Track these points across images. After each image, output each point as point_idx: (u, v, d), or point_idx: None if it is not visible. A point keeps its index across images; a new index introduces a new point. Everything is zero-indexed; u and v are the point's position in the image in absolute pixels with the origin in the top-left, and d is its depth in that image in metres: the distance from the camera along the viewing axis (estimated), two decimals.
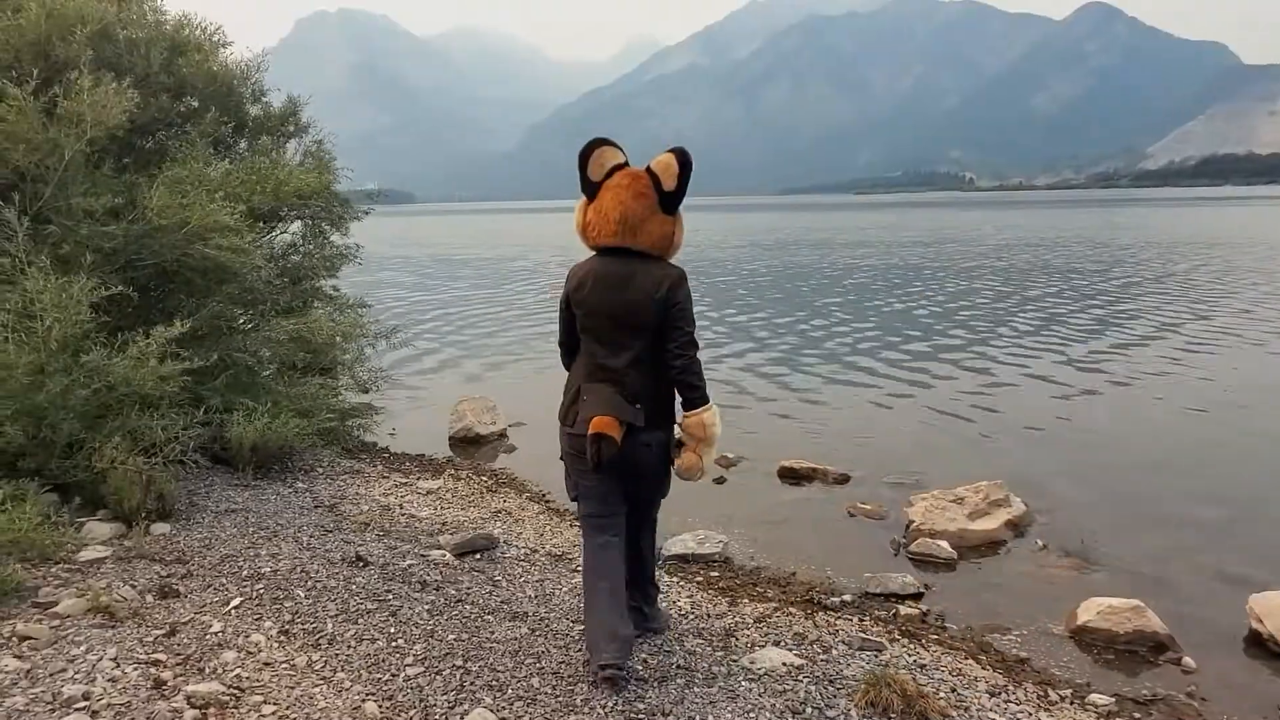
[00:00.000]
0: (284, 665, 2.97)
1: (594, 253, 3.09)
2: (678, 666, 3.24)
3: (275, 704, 2.70)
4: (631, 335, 2.98)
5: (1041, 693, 3.35)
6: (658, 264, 3.00)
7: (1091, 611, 3.98)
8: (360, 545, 4.32)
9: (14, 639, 2.92)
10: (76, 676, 2.72)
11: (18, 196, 4.59)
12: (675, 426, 3.15)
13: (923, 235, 41.02)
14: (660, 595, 4.02)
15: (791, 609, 4.00)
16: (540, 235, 48.50)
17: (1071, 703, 3.31)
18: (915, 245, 33.89)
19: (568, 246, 34.07)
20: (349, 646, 3.16)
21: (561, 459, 3.22)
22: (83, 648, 2.91)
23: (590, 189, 3.01)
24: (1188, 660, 3.76)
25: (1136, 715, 3.32)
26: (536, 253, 34.79)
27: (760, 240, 39.79)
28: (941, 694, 3.17)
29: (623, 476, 3.09)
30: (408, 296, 19.32)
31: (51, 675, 2.71)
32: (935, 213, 78.84)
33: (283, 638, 3.18)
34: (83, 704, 2.56)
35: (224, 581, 3.65)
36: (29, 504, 3.69)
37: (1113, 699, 3.38)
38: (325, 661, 3.03)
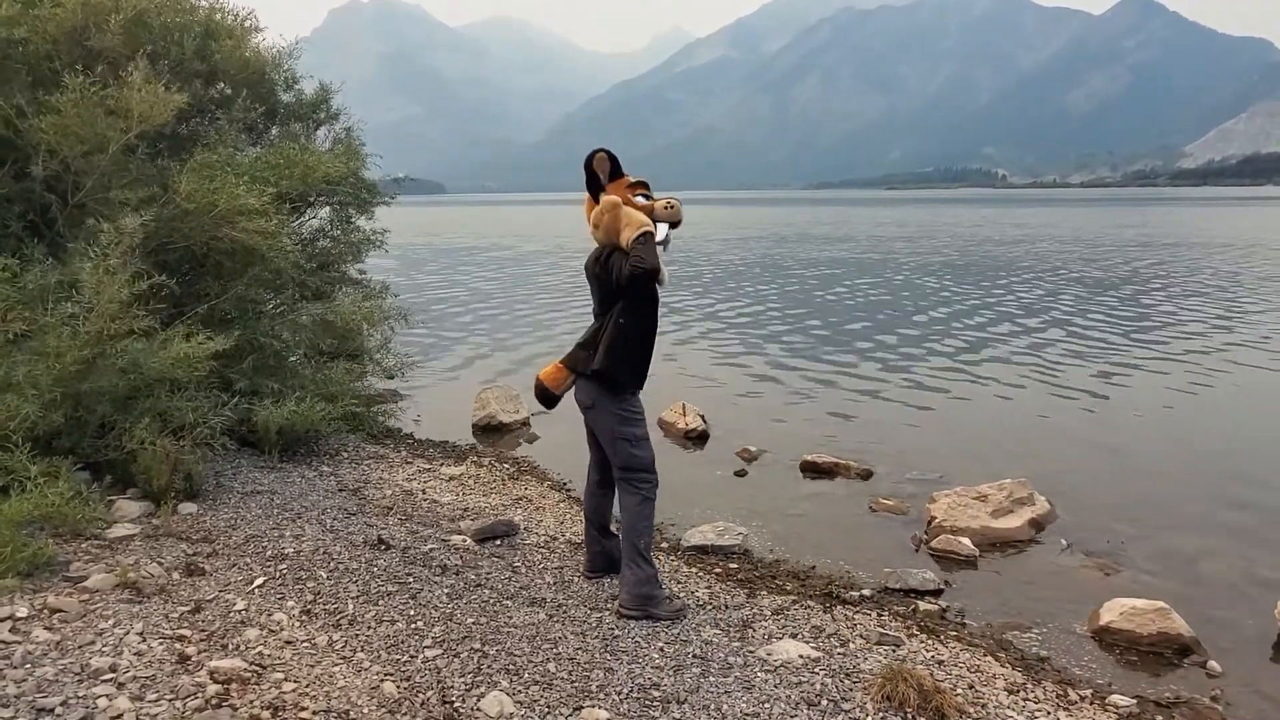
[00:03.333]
0: (305, 644, 3.01)
1: None
2: (694, 656, 3.25)
3: (296, 681, 2.74)
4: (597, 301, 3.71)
5: (1061, 692, 3.32)
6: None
7: (1115, 612, 3.94)
8: (382, 529, 4.37)
9: (45, 611, 2.99)
10: (104, 649, 2.78)
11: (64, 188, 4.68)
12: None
13: (950, 232, 40.58)
14: (678, 585, 4.04)
15: (810, 602, 3.98)
16: (568, 227, 48.54)
17: (1091, 703, 3.27)
18: (942, 242, 33.53)
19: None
20: (369, 627, 3.20)
21: None
22: (110, 621, 2.97)
23: None
24: (1213, 664, 3.71)
25: (1158, 718, 3.28)
26: (554, 243, 34.82)
27: (782, 233, 39.56)
28: (959, 690, 3.15)
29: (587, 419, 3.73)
30: (434, 285, 19.43)
31: (80, 647, 2.78)
32: (964, 209, 77.95)
33: (304, 617, 3.22)
34: (109, 676, 2.62)
35: (248, 561, 3.71)
36: (62, 481, 3.77)
37: (1134, 700, 3.34)
38: (345, 641, 3.07)
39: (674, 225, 3.61)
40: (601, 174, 3.54)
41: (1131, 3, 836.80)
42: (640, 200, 3.56)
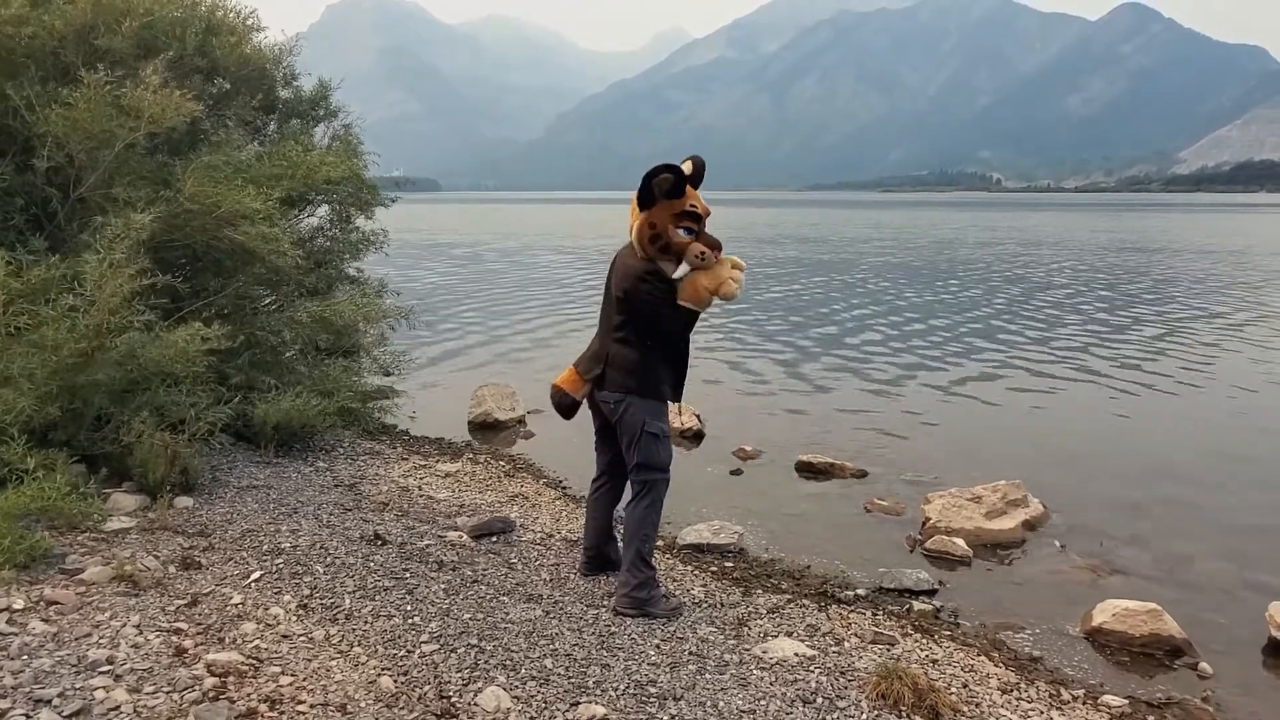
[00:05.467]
0: (302, 638, 3.01)
1: None
2: (690, 653, 3.26)
3: (293, 675, 2.75)
4: (615, 311, 3.61)
5: (1054, 692, 3.34)
6: (634, 256, 3.53)
7: (1107, 613, 3.96)
8: (379, 524, 4.37)
9: (42, 603, 2.99)
10: (101, 641, 2.78)
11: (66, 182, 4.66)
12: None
13: (946, 235, 40.68)
14: (674, 583, 4.05)
15: (805, 601, 4.00)
16: (564, 227, 48.53)
17: (1084, 703, 3.30)
18: (937, 246, 33.61)
19: (601, 237, 34.08)
20: (366, 622, 3.21)
21: None
22: (107, 614, 2.97)
23: None
24: (1204, 665, 3.74)
25: (1150, 718, 3.30)
26: (552, 242, 34.82)
27: (782, 235, 39.60)
28: (953, 689, 3.17)
29: (606, 430, 3.73)
30: (431, 283, 19.41)
31: (77, 639, 2.77)
32: (956, 213, 78.17)
33: (301, 611, 3.23)
34: (106, 668, 2.62)
35: (245, 555, 3.71)
36: (58, 474, 3.76)
37: (1126, 701, 3.36)
38: (342, 636, 3.07)
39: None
40: (658, 192, 3.41)
41: (1128, 8, 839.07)
42: (680, 235, 3.45)
